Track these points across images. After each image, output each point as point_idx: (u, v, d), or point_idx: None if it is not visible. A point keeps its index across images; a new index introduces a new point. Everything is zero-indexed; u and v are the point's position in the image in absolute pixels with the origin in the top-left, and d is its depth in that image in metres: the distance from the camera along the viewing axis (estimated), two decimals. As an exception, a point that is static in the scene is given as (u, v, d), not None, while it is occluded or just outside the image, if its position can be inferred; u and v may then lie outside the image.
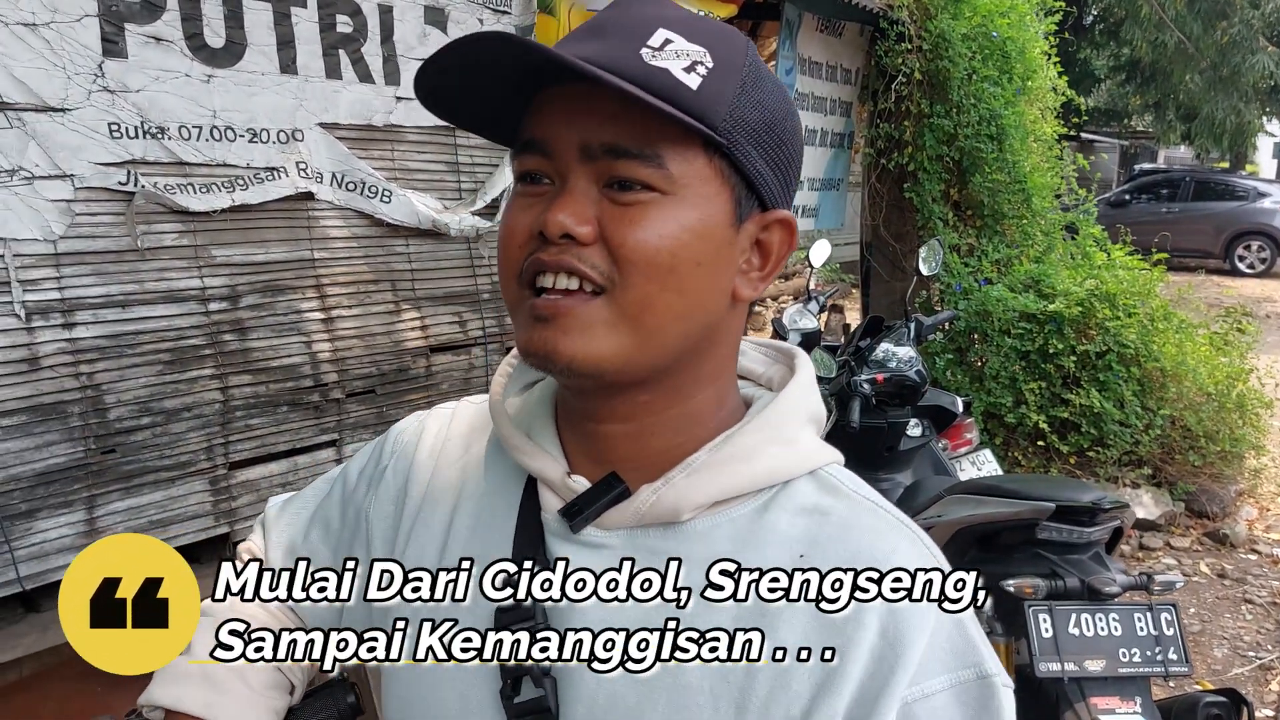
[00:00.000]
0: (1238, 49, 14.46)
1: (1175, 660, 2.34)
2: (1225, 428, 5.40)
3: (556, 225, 0.69)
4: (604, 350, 0.71)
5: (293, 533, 0.98)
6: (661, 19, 0.72)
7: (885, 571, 0.70)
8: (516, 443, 0.82)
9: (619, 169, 0.69)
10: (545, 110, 0.72)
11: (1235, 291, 12.33)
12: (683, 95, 0.68)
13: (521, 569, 0.77)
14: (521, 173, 0.74)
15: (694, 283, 0.72)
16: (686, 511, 0.74)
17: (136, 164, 2.29)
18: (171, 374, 2.36)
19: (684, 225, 0.70)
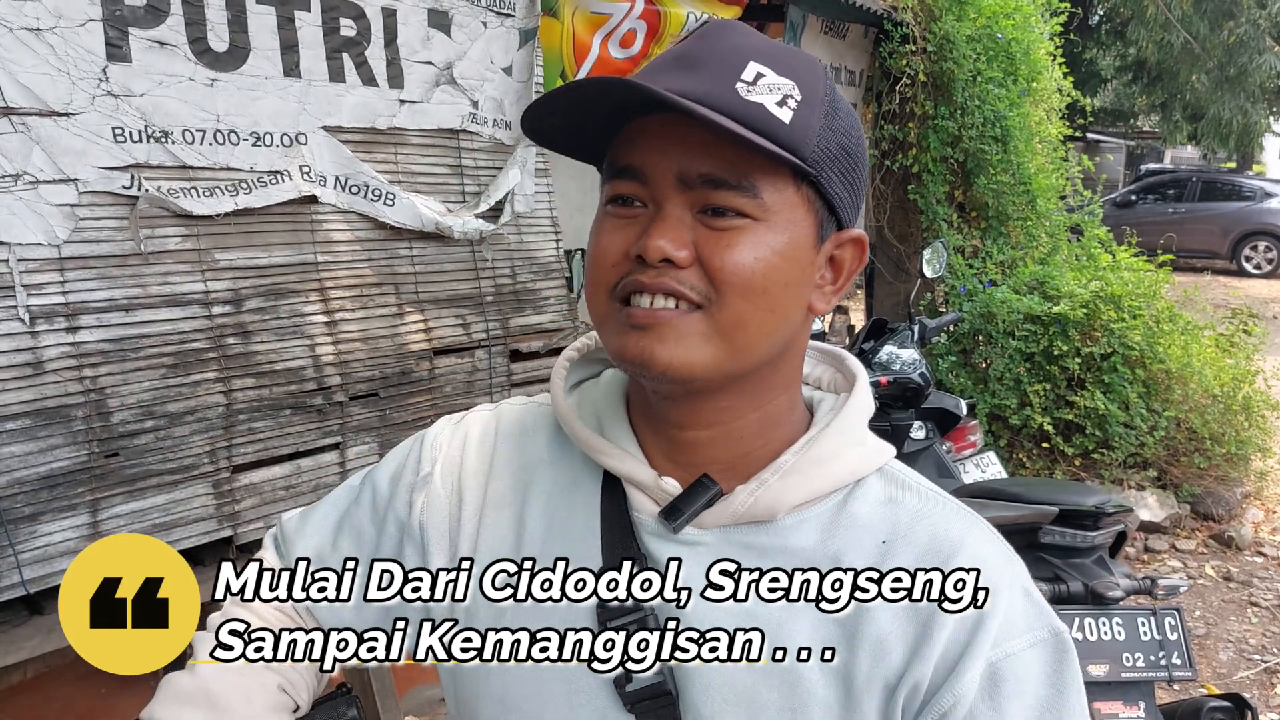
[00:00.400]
0: (1244, 49, 14.41)
1: (1179, 665, 2.33)
2: (1231, 430, 5.38)
3: (657, 250, 0.74)
4: (697, 359, 0.76)
5: (319, 542, 0.97)
6: (751, 51, 0.76)
7: (957, 552, 0.79)
8: (599, 446, 0.86)
9: (716, 198, 0.75)
10: (641, 139, 0.77)
11: (1242, 292, 12.28)
12: (777, 130, 0.74)
13: (622, 567, 0.82)
14: (614, 195, 0.79)
15: (782, 301, 0.78)
16: (782, 511, 0.81)
17: (140, 168, 2.29)
18: (175, 378, 2.36)
19: (774, 249, 0.76)
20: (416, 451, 0.97)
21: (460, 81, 2.98)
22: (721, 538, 0.82)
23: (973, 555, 0.79)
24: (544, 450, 0.92)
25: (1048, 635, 0.78)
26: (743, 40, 0.77)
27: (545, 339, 3.27)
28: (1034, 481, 3.58)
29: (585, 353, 0.98)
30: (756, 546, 0.81)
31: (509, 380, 3.13)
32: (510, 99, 3.17)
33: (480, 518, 0.91)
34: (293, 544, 0.99)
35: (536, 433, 0.94)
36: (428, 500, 0.93)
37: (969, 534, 0.81)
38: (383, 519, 0.95)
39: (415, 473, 0.95)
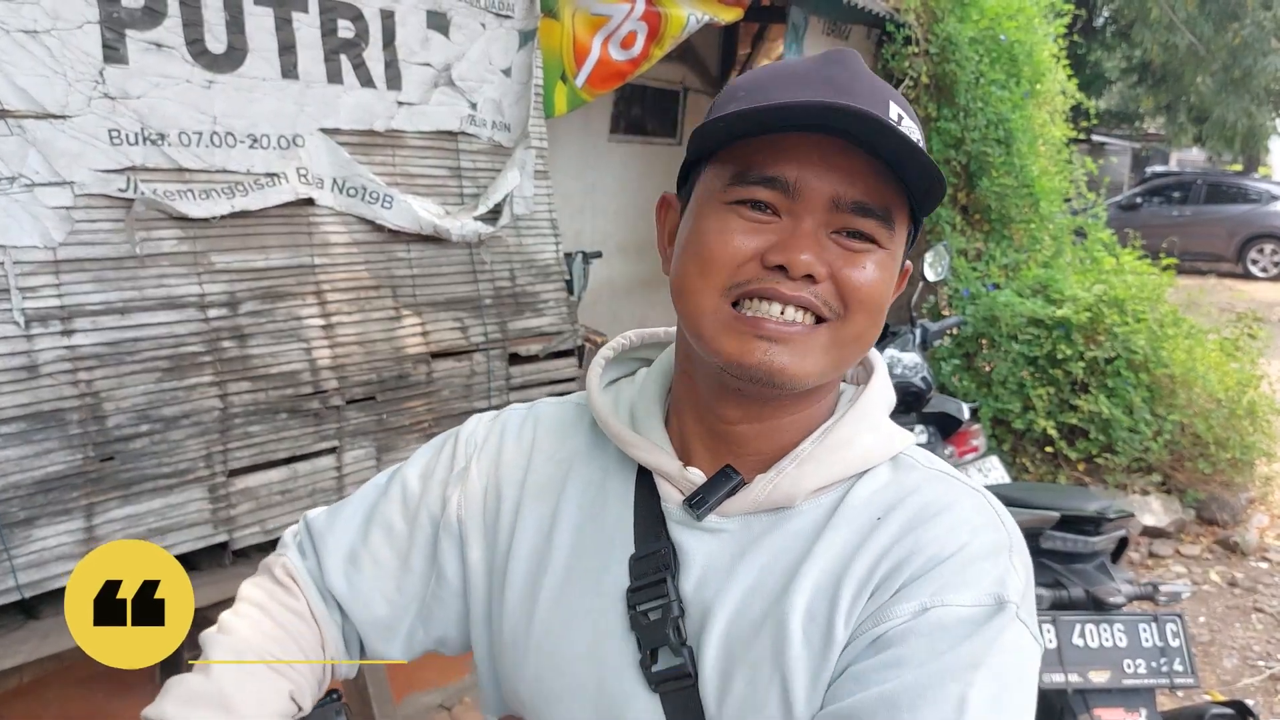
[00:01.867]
0: (1249, 51, 14.35)
1: (1181, 671, 2.31)
2: (1236, 434, 5.35)
3: (804, 265, 0.78)
4: (814, 368, 0.81)
5: (350, 538, 0.99)
6: (886, 91, 0.82)
7: (942, 513, 0.82)
8: (630, 439, 0.91)
9: (860, 223, 0.80)
10: (792, 154, 0.79)
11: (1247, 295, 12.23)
12: (931, 168, 0.79)
13: (652, 554, 0.87)
14: (748, 199, 0.81)
15: (883, 318, 0.85)
16: (799, 498, 0.85)
17: (136, 170, 2.29)
18: (170, 381, 2.35)
19: (891, 274, 0.83)
20: (450, 448, 1.01)
21: (459, 83, 2.97)
22: (742, 525, 0.87)
23: (959, 515, 0.82)
24: (580, 445, 0.97)
25: (990, 601, 0.78)
26: (873, 75, 0.83)
27: (545, 342, 3.25)
28: (1035, 487, 3.55)
29: (620, 352, 1.02)
30: (773, 532, 0.86)
31: (507, 384, 3.12)
32: (509, 100, 3.15)
33: (519, 510, 0.95)
34: (323, 540, 1.00)
35: (573, 429, 0.99)
36: (464, 494, 0.97)
37: (961, 500, 0.84)
38: (414, 514, 0.98)
39: (449, 469, 0.99)
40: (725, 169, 0.83)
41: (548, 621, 0.91)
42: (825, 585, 0.82)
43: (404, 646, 1.00)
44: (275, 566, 1.01)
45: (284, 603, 0.97)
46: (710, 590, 0.86)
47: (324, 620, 0.98)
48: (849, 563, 0.82)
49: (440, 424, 2.87)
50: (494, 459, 0.99)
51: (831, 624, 0.80)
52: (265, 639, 0.93)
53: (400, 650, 1.00)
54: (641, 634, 0.86)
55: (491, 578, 0.96)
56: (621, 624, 0.88)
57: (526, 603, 0.92)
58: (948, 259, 3.67)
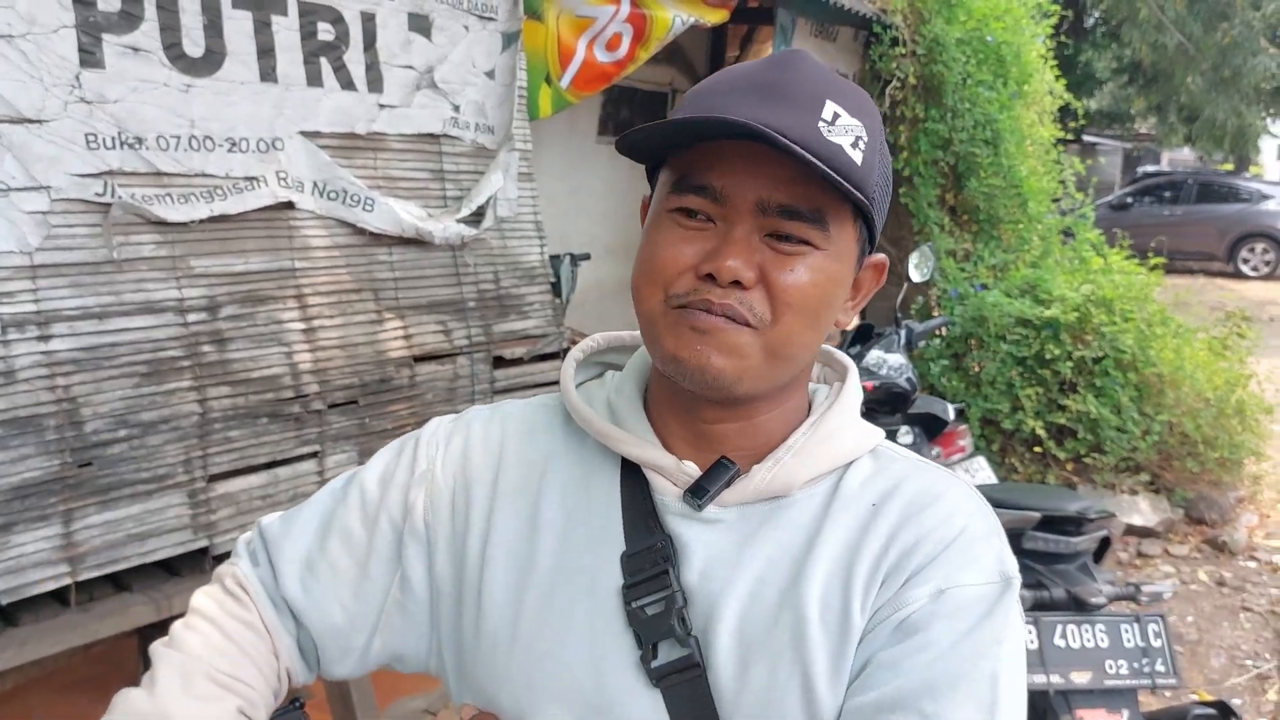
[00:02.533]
0: (1239, 50, 14.39)
1: (1163, 672, 2.31)
2: (1224, 434, 5.36)
3: (730, 272, 0.79)
4: (746, 369, 0.82)
5: (306, 545, 0.97)
6: (828, 89, 0.82)
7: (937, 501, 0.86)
8: (619, 436, 0.91)
9: (789, 227, 0.81)
10: (722, 161, 0.81)
11: (1238, 294, 12.27)
12: (851, 171, 0.79)
13: (648, 548, 0.87)
14: (683, 207, 0.83)
15: (825, 321, 0.86)
16: (796, 487, 0.88)
17: (114, 175, 2.27)
18: (149, 386, 2.34)
19: (830, 276, 0.83)
20: (410, 451, 0.99)
21: (441, 85, 2.96)
22: (739, 515, 0.88)
23: (952, 502, 0.87)
24: (555, 444, 0.96)
25: (998, 578, 0.84)
26: (820, 76, 0.83)
27: (529, 345, 3.25)
28: (1017, 487, 3.56)
29: (588, 354, 1.03)
30: (770, 521, 0.88)
31: (492, 387, 3.11)
32: (493, 103, 3.15)
33: (491, 512, 0.93)
34: (278, 547, 0.97)
35: (545, 429, 0.98)
36: (431, 498, 0.95)
37: (951, 489, 0.89)
38: (374, 520, 0.96)
39: (410, 471, 0.97)
40: (670, 176, 0.85)
41: (536, 626, 0.89)
42: (837, 572, 0.84)
43: (360, 657, 0.98)
44: (226, 576, 0.98)
45: (234, 613, 0.95)
46: (716, 580, 0.86)
47: (276, 630, 0.95)
48: (856, 550, 0.85)
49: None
50: (460, 461, 0.97)
51: (848, 611, 0.83)
52: (214, 653, 0.91)
53: (356, 661, 0.98)
54: (641, 629, 0.86)
55: (463, 584, 0.94)
56: (617, 622, 0.87)
57: (509, 608, 0.91)
58: (933, 260, 3.67)
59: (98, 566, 2.29)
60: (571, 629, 0.88)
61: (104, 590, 2.41)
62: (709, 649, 0.85)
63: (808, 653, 0.83)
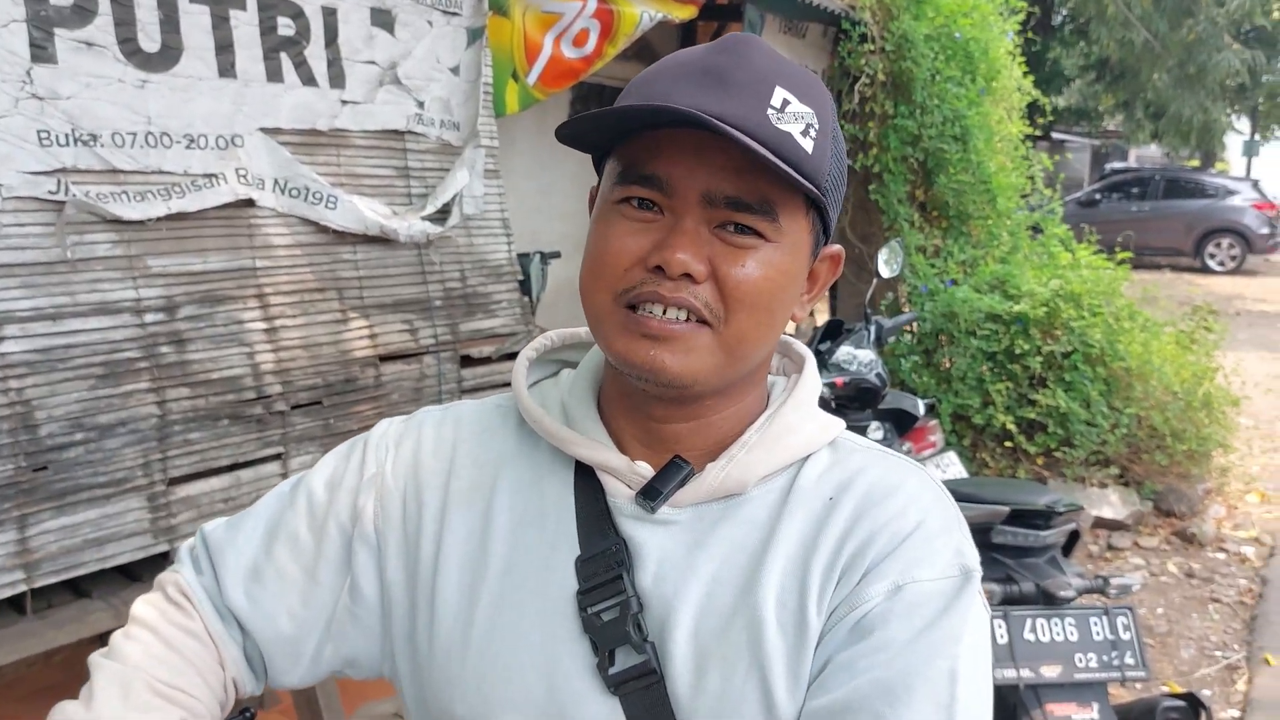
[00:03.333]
0: (1204, 47, 14.57)
1: (1132, 665, 2.31)
2: (1192, 426, 5.40)
3: (679, 264, 0.77)
4: (700, 368, 0.80)
5: (252, 552, 0.94)
6: (777, 75, 0.79)
7: (894, 493, 0.84)
8: (570, 437, 0.89)
9: (738, 218, 0.78)
10: (668, 151, 0.78)
11: (1204, 289, 12.41)
12: (802, 161, 0.77)
13: (609, 550, 0.85)
14: (630, 198, 0.81)
15: (779, 315, 0.84)
16: (750, 484, 0.85)
17: (67, 172, 2.22)
18: (106, 388, 2.29)
19: (782, 269, 0.81)
20: (359, 454, 0.96)
21: (405, 81, 2.93)
22: (694, 515, 0.86)
23: (909, 494, 0.85)
24: (508, 447, 0.93)
25: (956, 572, 0.82)
26: (768, 61, 0.80)
27: (497, 344, 3.22)
28: (986, 481, 3.57)
29: (542, 353, 1.00)
30: (725, 520, 0.85)
31: (459, 387, 3.08)
32: (458, 99, 3.11)
33: (443, 517, 0.91)
34: (221, 554, 0.94)
35: (497, 431, 0.95)
36: (381, 502, 0.93)
37: (908, 479, 0.86)
38: (322, 525, 0.93)
39: (359, 475, 0.94)
40: (616, 167, 0.83)
41: (489, 632, 0.87)
42: (792, 571, 0.82)
43: (310, 665, 0.95)
44: (168, 584, 0.95)
45: (177, 622, 0.91)
46: (670, 583, 0.84)
47: (221, 639, 0.92)
48: (812, 547, 0.83)
49: (389, 428, 2.82)
50: (411, 464, 0.94)
51: (804, 611, 0.81)
52: (155, 662, 0.88)
53: (306, 669, 0.95)
54: (596, 636, 0.83)
55: (415, 590, 0.91)
56: (572, 628, 0.85)
57: (463, 613, 0.88)
58: (902, 255, 3.68)
59: (54, 573, 2.24)
60: (525, 635, 0.86)
61: (62, 597, 2.36)
62: (665, 655, 0.83)
63: (765, 656, 0.80)
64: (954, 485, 2.79)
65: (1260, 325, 11.57)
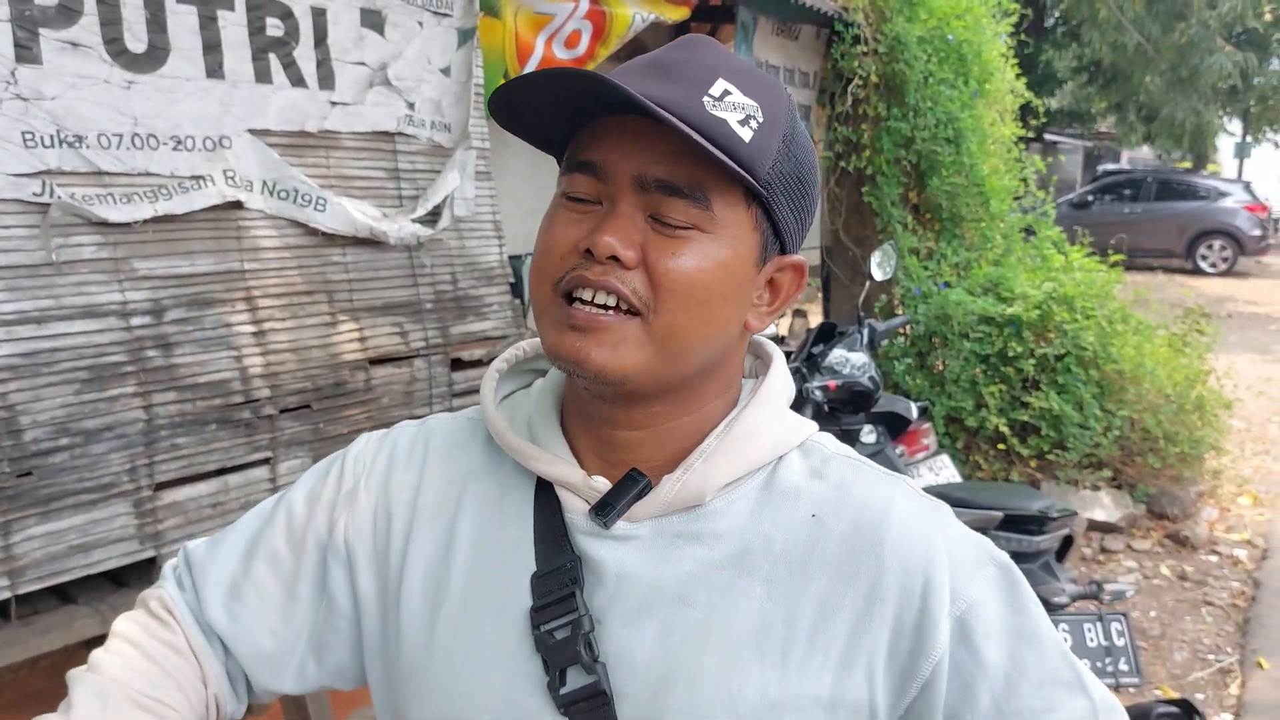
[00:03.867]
0: (1196, 50, 14.61)
1: (1126, 671, 2.30)
2: (1184, 429, 5.41)
3: (605, 246, 0.76)
4: (630, 364, 0.78)
5: (232, 569, 0.94)
6: (722, 68, 0.79)
7: (886, 519, 0.82)
8: (529, 452, 0.87)
9: (669, 205, 0.77)
10: (604, 137, 0.78)
11: (1196, 291, 12.43)
12: (736, 147, 0.76)
13: (563, 568, 0.83)
14: (570, 189, 0.81)
15: (718, 314, 0.80)
16: (709, 494, 0.82)
17: (52, 174, 2.20)
18: (91, 393, 2.27)
19: (718, 262, 0.78)
20: (337, 469, 0.96)
21: (395, 83, 2.91)
22: (654, 529, 0.83)
23: (901, 519, 0.82)
24: (475, 462, 0.92)
25: (994, 570, 0.82)
26: (715, 56, 0.79)
27: (488, 347, 3.19)
28: (980, 486, 3.56)
29: (514, 364, 0.99)
30: (688, 534, 0.83)
31: (450, 390, 3.06)
32: (449, 100, 3.09)
33: (410, 533, 0.90)
34: (202, 571, 0.94)
35: (466, 446, 0.94)
36: (352, 518, 0.92)
37: (894, 498, 0.83)
38: (301, 541, 0.93)
39: (336, 490, 0.94)
40: (565, 160, 0.84)
41: (448, 647, 0.86)
42: (777, 596, 0.80)
43: (295, 680, 0.94)
44: (151, 599, 0.94)
45: (159, 637, 0.90)
46: (629, 601, 0.82)
47: (204, 654, 0.92)
48: (802, 574, 0.81)
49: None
50: (382, 481, 0.93)
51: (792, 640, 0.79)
52: (136, 676, 0.86)
53: (292, 685, 0.94)
54: (548, 654, 0.82)
55: (385, 604, 0.91)
56: (525, 645, 0.83)
57: (424, 628, 0.88)
58: (895, 258, 3.66)
59: (39, 579, 2.21)
60: (481, 652, 0.85)
61: (47, 603, 2.33)
62: (620, 675, 0.81)
63: (737, 679, 0.79)
64: (947, 490, 2.77)
65: (1251, 327, 11.59)
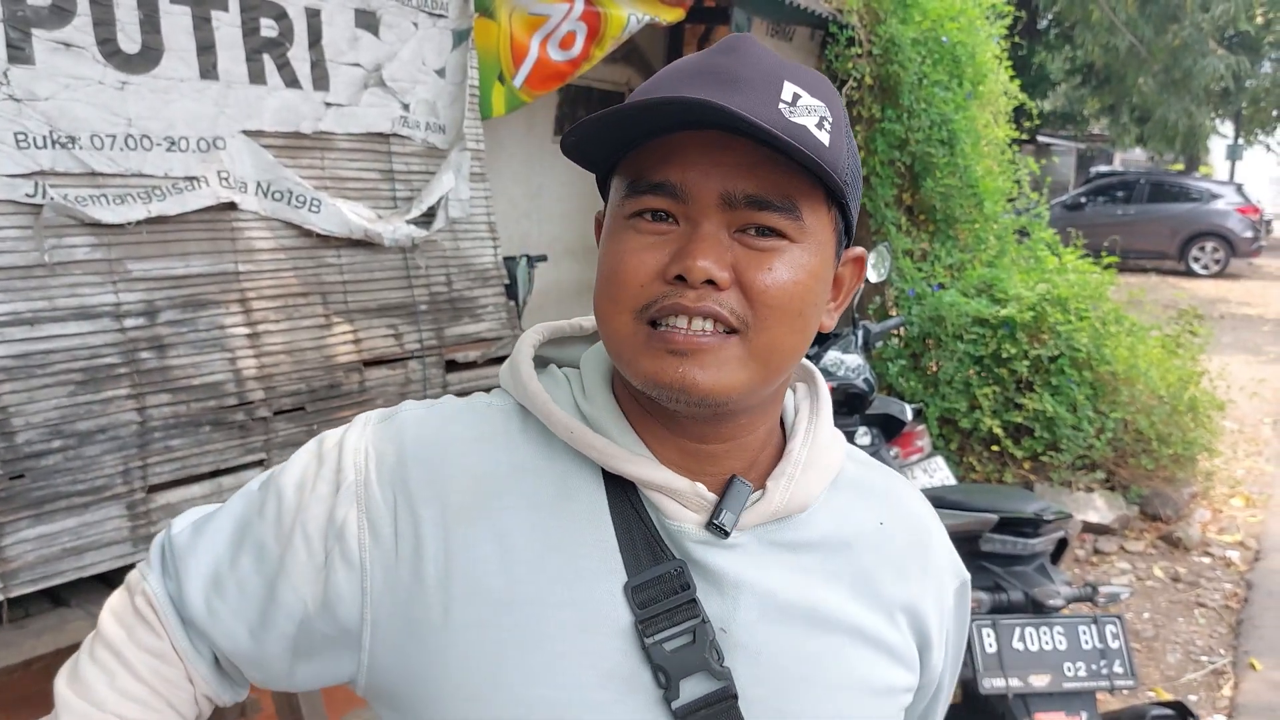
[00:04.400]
0: (1188, 52, 14.65)
1: (1120, 673, 2.30)
2: (1178, 430, 5.42)
3: (702, 271, 0.73)
4: (734, 383, 0.76)
5: (215, 558, 0.86)
6: (784, 71, 0.77)
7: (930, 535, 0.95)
8: (617, 454, 0.82)
9: (760, 218, 0.75)
10: (678, 155, 0.75)
11: (1189, 293, 12.46)
12: (820, 152, 0.74)
13: (669, 575, 0.80)
14: (642, 210, 0.76)
15: (810, 321, 0.79)
16: (811, 502, 0.85)
17: (45, 175, 2.19)
18: (85, 394, 2.26)
19: (810, 271, 0.77)
20: (334, 456, 0.84)
21: (390, 84, 2.90)
22: (755, 537, 0.84)
23: (937, 536, 0.96)
24: (514, 455, 0.83)
25: (959, 585, 0.98)
26: (771, 59, 0.77)
27: (483, 348, 3.19)
28: (974, 489, 3.55)
29: (535, 349, 0.92)
30: (785, 542, 0.84)
31: (444, 391, 3.05)
32: (444, 102, 3.09)
33: (447, 537, 0.80)
34: (184, 562, 0.86)
35: (495, 437, 0.85)
36: (368, 516, 0.81)
37: (926, 515, 0.95)
38: (289, 534, 0.83)
39: (333, 482, 0.82)
40: (623, 181, 0.79)
41: (522, 670, 0.78)
42: (863, 596, 0.87)
43: (285, 680, 0.87)
44: (136, 591, 0.89)
45: (143, 643, 0.87)
46: (748, 608, 0.82)
47: (189, 655, 0.87)
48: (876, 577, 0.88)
49: (374, 434, 2.78)
50: (396, 473, 0.82)
51: (880, 633, 0.87)
52: (122, 699, 0.84)
53: (283, 683, 0.87)
54: (665, 664, 0.78)
55: (414, 619, 0.80)
56: (629, 660, 0.78)
57: (487, 649, 0.78)
58: (890, 260, 3.66)
59: (32, 582, 2.20)
60: (570, 672, 0.78)
61: (40, 606, 2.32)
62: (744, 680, 0.81)
63: (854, 678, 0.85)
64: (942, 492, 2.77)
65: (1244, 329, 11.62)
